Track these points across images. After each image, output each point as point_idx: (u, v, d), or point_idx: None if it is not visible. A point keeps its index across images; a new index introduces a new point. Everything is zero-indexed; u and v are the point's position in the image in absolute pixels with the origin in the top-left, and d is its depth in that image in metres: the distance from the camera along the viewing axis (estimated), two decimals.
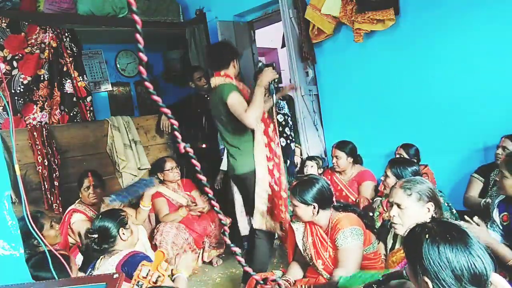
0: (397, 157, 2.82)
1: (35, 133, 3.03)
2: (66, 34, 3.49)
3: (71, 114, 3.46)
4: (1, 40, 3.13)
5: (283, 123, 3.42)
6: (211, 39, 4.22)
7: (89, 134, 3.42)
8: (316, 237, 2.04)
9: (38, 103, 3.30)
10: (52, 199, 3.05)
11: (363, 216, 2.12)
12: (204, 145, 3.89)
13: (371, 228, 2.20)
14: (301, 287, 2.00)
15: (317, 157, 3.49)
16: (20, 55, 3.22)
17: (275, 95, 2.61)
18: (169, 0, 4.30)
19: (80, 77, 3.55)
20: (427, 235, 1.09)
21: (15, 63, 3.19)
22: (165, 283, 1.71)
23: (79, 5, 3.58)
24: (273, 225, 2.59)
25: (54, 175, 3.08)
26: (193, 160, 0.90)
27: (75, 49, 3.54)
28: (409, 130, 3.13)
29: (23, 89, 3.22)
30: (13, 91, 3.16)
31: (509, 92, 2.66)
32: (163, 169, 3.37)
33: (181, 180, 3.49)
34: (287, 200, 2.53)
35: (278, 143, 2.65)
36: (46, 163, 3.03)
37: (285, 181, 2.64)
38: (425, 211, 1.70)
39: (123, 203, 2.91)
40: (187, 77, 3.90)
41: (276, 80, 2.57)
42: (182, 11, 4.44)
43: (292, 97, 3.64)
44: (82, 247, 2.44)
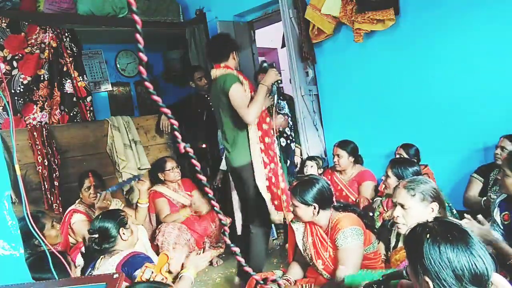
0: (397, 157, 2.82)
1: (35, 133, 3.03)
2: (66, 34, 3.49)
3: (71, 114, 3.46)
4: (1, 40, 3.13)
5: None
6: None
7: (89, 134, 3.42)
8: (316, 237, 2.04)
9: (38, 103, 3.30)
10: (52, 199, 3.05)
11: (363, 216, 2.12)
12: (204, 145, 3.89)
13: (371, 228, 2.20)
14: (302, 286, 2.00)
15: (317, 157, 3.49)
16: (20, 55, 3.22)
17: (276, 95, 2.66)
18: (169, 0, 4.31)
19: (80, 77, 3.55)
20: (428, 235, 1.08)
21: (15, 63, 3.19)
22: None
23: (79, 5, 3.58)
24: (280, 216, 2.61)
25: (54, 175, 3.07)
26: (193, 160, 0.90)
27: (75, 49, 3.54)
28: (409, 130, 3.13)
29: (23, 89, 3.22)
30: (13, 91, 3.17)
31: (509, 92, 2.67)
32: (164, 169, 3.37)
33: (181, 180, 3.49)
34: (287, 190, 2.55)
35: (273, 136, 2.66)
36: (46, 163, 3.03)
37: (280, 170, 2.65)
38: (429, 211, 1.69)
39: (112, 191, 2.91)
40: (187, 77, 3.90)
41: (279, 81, 2.65)
42: (182, 11, 4.44)
43: (292, 97, 3.64)
44: (85, 248, 2.42)
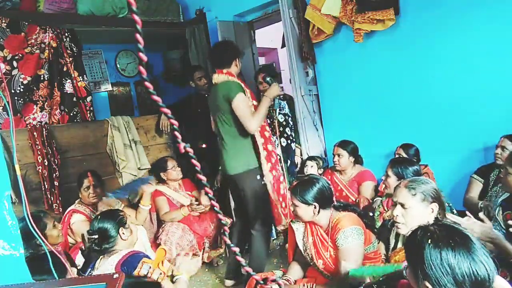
0: (398, 157, 2.82)
1: (35, 133, 3.03)
2: (66, 34, 3.49)
3: (71, 114, 3.46)
4: (1, 40, 3.13)
5: (284, 123, 3.42)
6: (211, 39, 4.22)
7: (89, 134, 3.42)
8: (317, 237, 2.04)
9: (38, 103, 3.29)
10: (52, 199, 3.05)
11: (363, 216, 2.12)
12: (204, 145, 3.89)
13: (371, 228, 2.20)
14: (304, 286, 2.00)
15: (317, 157, 3.49)
16: (20, 55, 3.21)
17: (278, 109, 2.93)
18: (169, 0, 4.30)
19: (80, 77, 3.55)
20: (429, 240, 1.07)
21: (15, 63, 3.19)
22: (165, 283, 1.71)
23: (79, 5, 3.58)
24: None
25: (54, 175, 3.07)
26: (193, 160, 0.90)
27: (75, 49, 3.54)
28: (409, 130, 3.13)
29: (23, 89, 3.22)
30: (13, 91, 3.16)
31: (509, 92, 2.67)
32: (165, 168, 3.37)
33: (182, 180, 3.49)
34: (286, 196, 2.60)
35: (274, 143, 2.72)
36: (46, 163, 3.03)
37: (282, 177, 2.69)
38: (429, 211, 1.69)
39: (120, 199, 2.91)
40: (187, 77, 3.90)
41: (280, 96, 2.84)
42: (182, 11, 4.44)
43: (292, 97, 3.64)
44: (85, 248, 2.42)
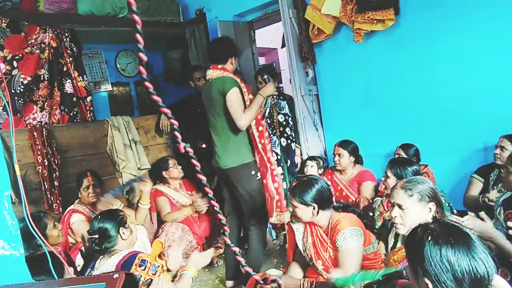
0: (397, 157, 2.82)
1: (35, 133, 3.03)
2: (66, 34, 3.49)
3: (71, 114, 3.46)
4: (1, 40, 3.13)
5: (284, 123, 3.41)
6: (211, 39, 4.22)
7: (89, 134, 3.42)
8: (316, 238, 2.04)
9: (38, 103, 3.30)
10: (52, 199, 3.05)
11: (363, 216, 2.12)
12: (204, 145, 3.89)
13: (371, 228, 2.20)
14: (304, 283, 1.99)
15: (317, 157, 3.49)
16: (20, 55, 3.21)
17: (269, 108, 2.95)
18: (169, 0, 4.31)
19: (80, 77, 3.55)
20: (429, 237, 1.08)
21: (15, 63, 3.19)
22: (164, 281, 1.71)
23: (79, 5, 3.58)
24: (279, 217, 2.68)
25: (54, 175, 3.07)
26: (193, 160, 0.90)
27: (75, 49, 3.54)
28: (409, 130, 3.13)
29: (23, 89, 3.22)
30: (13, 91, 3.16)
31: (509, 92, 2.67)
32: (167, 166, 3.37)
33: (182, 180, 3.49)
34: (280, 191, 2.65)
35: (267, 137, 2.73)
36: (46, 163, 3.03)
37: (275, 171, 2.70)
38: (426, 211, 1.69)
39: (115, 196, 2.92)
40: (187, 77, 3.90)
41: (274, 96, 2.88)
42: (182, 11, 4.44)
43: (292, 97, 3.63)
44: (85, 248, 2.42)
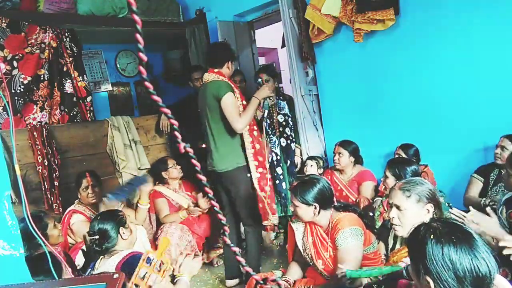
0: (395, 157, 2.82)
1: (35, 133, 3.03)
2: (66, 34, 3.49)
3: (71, 114, 3.46)
4: (1, 40, 3.13)
5: (284, 123, 3.41)
6: (211, 39, 4.22)
7: (89, 134, 3.42)
8: (316, 237, 2.04)
9: (38, 103, 3.30)
10: (52, 199, 3.05)
11: (363, 216, 2.12)
12: (204, 145, 3.88)
13: (371, 228, 2.20)
14: (302, 287, 2.00)
15: (317, 157, 3.49)
16: (20, 55, 3.21)
17: (267, 110, 2.92)
18: (169, 0, 4.30)
19: (80, 77, 3.55)
20: (432, 235, 1.09)
21: (15, 63, 3.19)
22: (164, 282, 1.71)
23: (79, 5, 3.58)
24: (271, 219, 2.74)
25: (54, 175, 3.07)
26: (193, 160, 0.90)
27: (75, 49, 3.54)
28: (409, 130, 3.13)
29: (23, 89, 3.22)
30: (13, 91, 3.16)
31: (509, 92, 2.66)
32: (166, 167, 3.37)
33: (181, 180, 3.49)
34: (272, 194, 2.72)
35: (261, 142, 2.79)
36: (46, 163, 3.03)
37: (269, 175, 2.78)
38: (424, 212, 1.69)
39: (121, 201, 2.91)
40: (187, 77, 3.90)
41: (270, 97, 2.90)
42: (182, 11, 4.44)
43: (292, 97, 3.63)
44: (86, 248, 2.41)
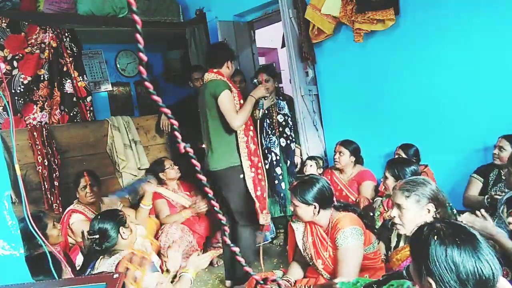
0: (395, 158, 2.82)
1: (35, 133, 3.03)
2: (66, 34, 3.49)
3: (71, 114, 3.46)
4: (1, 40, 3.13)
5: (283, 123, 3.41)
6: (211, 39, 4.22)
7: (89, 134, 3.42)
8: (316, 237, 2.04)
9: (38, 103, 3.30)
10: (52, 199, 3.05)
11: (363, 216, 2.12)
12: (204, 145, 3.89)
13: (371, 228, 2.20)
14: (302, 287, 2.00)
15: (317, 157, 3.49)
16: (20, 55, 3.22)
17: (262, 110, 2.96)
18: (169, 0, 4.31)
19: (80, 77, 3.55)
20: (435, 236, 1.07)
21: (15, 63, 3.19)
22: (165, 283, 1.71)
23: (79, 5, 3.58)
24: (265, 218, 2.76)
25: (54, 175, 3.08)
26: (193, 160, 0.90)
27: (75, 49, 3.54)
28: (409, 130, 3.13)
29: (23, 89, 3.22)
30: (13, 91, 3.17)
31: (509, 92, 2.67)
32: (163, 168, 3.37)
33: (180, 180, 3.49)
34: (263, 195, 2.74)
35: (256, 143, 2.81)
36: (46, 163, 3.03)
37: (262, 176, 2.79)
38: (424, 212, 1.68)
39: (121, 198, 2.92)
40: (187, 77, 3.91)
41: (265, 98, 2.92)
42: (182, 11, 4.44)
43: (292, 97, 3.63)
44: (85, 248, 2.42)
